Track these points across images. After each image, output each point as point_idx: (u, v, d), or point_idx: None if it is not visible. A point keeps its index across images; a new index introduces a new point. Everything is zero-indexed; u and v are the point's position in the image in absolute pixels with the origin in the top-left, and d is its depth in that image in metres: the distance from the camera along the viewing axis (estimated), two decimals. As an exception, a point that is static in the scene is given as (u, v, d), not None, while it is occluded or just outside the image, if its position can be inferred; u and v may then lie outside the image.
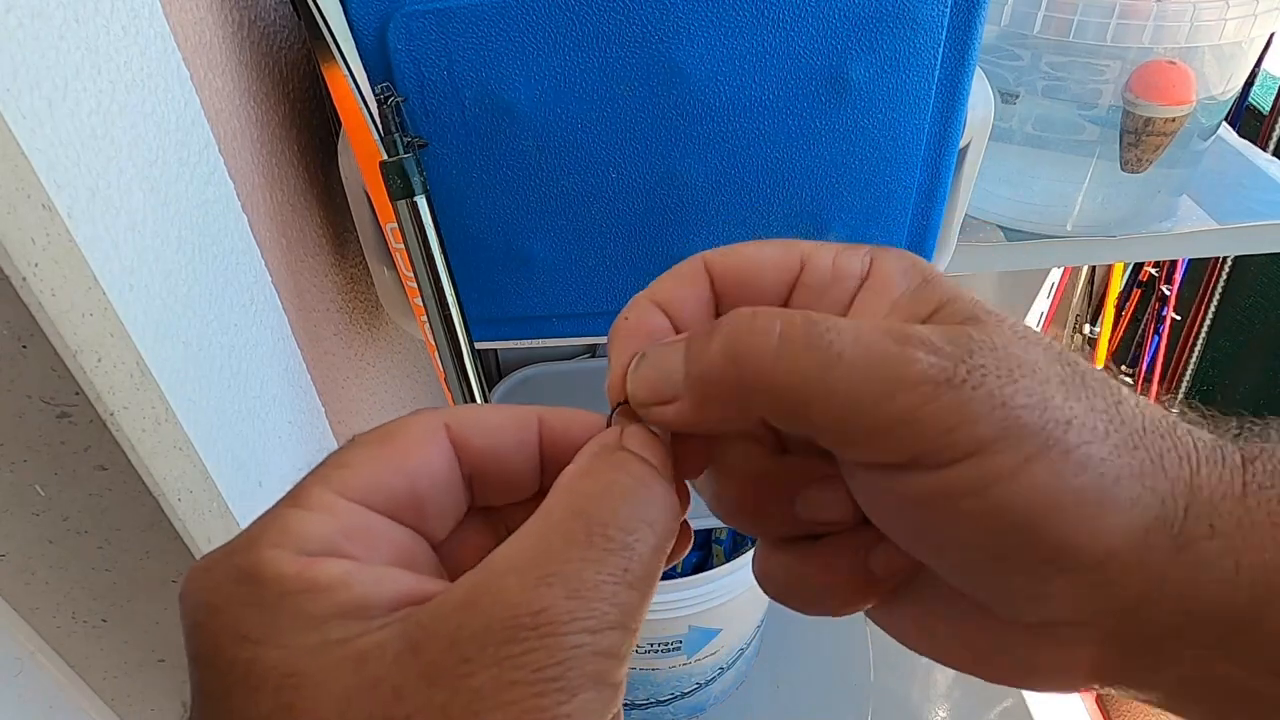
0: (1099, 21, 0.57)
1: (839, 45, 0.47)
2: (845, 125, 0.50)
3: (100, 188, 0.30)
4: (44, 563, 0.34)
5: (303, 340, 0.50)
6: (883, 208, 0.54)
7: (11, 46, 0.25)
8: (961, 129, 0.52)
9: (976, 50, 0.49)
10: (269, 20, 0.49)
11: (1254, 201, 0.70)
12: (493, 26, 0.46)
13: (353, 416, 0.60)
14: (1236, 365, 1.07)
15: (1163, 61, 0.58)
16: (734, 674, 1.11)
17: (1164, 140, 0.60)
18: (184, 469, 0.34)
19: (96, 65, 0.30)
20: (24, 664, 0.37)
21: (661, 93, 0.48)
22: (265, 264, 0.45)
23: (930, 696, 1.16)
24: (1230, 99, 0.64)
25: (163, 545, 0.34)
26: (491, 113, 0.49)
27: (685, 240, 0.55)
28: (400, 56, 0.46)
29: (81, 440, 0.30)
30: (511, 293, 0.57)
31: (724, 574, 0.89)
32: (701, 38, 0.47)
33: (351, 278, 0.62)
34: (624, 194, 0.52)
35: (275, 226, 0.48)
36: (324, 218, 0.57)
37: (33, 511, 0.32)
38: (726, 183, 0.52)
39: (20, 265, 0.25)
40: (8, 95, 0.25)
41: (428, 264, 0.49)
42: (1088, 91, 0.61)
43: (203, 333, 0.37)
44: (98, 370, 0.28)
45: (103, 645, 0.39)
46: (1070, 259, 0.75)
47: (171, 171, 0.35)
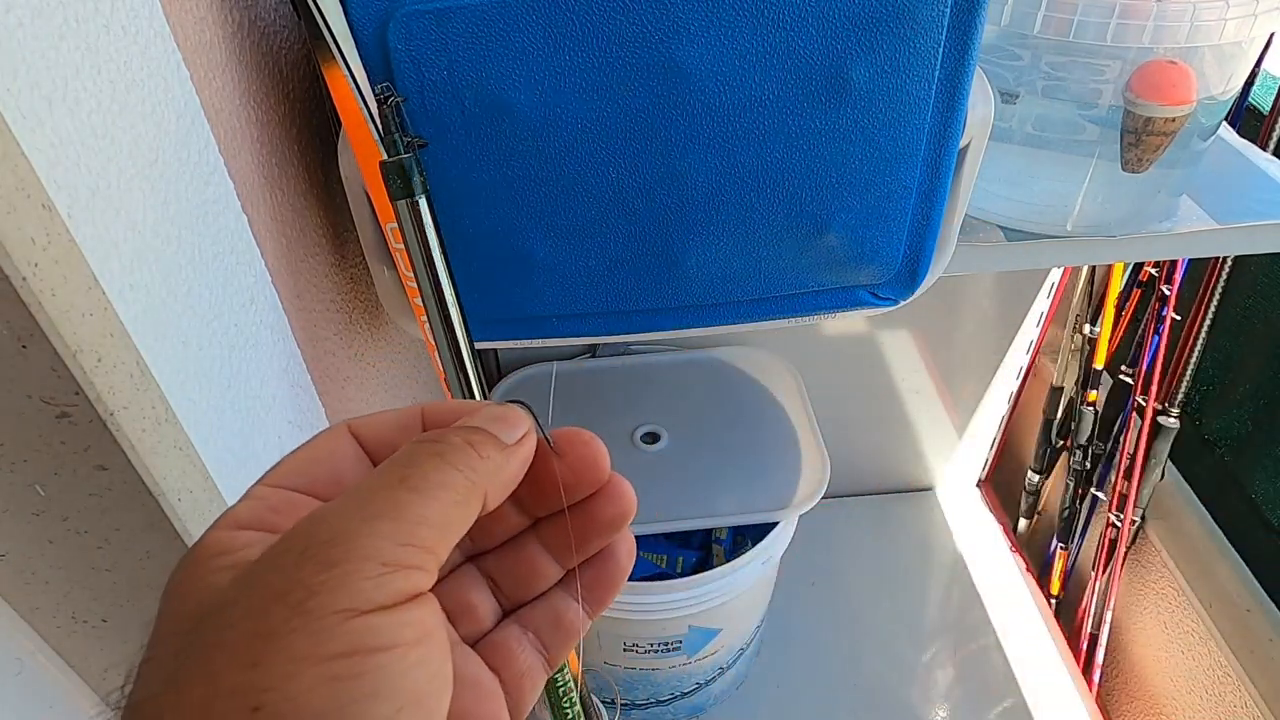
0: (1099, 21, 0.57)
1: (839, 45, 0.47)
2: (845, 125, 0.50)
3: (100, 188, 0.30)
4: (44, 563, 0.34)
5: (303, 340, 0.50)
6: (883, 208, 0.54)
7: (11, 46, 0.25)
8: (961, 129, 0.52)
9: (976, 50, 0.49)
10: (269, 20, 0.49)
11: (1254, 201, 0.70)
12: (493, 26, 0.46)
13: (352, 416, 0.60)
14: (1236, 365, 1.07)
15: (1163, 61, 0.58)
16: (734, 674, 1.11)
17: (1164, 140, 0.60)
18: (184, 469, 0.34)
19: (96, 65, 0.30)
20: (24, 664, 0.37)
21: (661, 93, 0.48)
22: (265, 264, 0.45)
23: (930, 696, 1.16)
24: (1230, 99, 0.64)
25: (163, 545, 0.34)
26: (491, 113, 0.49)
27: (685, 240, 0.55)
28: (400, 56, 0.46)
29: (81, 440, 0.30)
30: (511, 293, 0.57)
31: (724, 574, 0.89)
32: (701, 37, 0.47)
33: (351, 278, 0.62)
34: (624, 194, 0.52)
35: (275, 226, 0.48)
36: (324, 218, 0.57)
37: (33, 511, 0.32)
38: (726, 183, 0.52)
39: (20, 265, 0.25)
40: (8, 95, 0.25)
41: (428, 264, 0.48)
42: (1088, 91, 0.61)
43: (203, 333, 0.37)
44: (98, 370, 0.28)
45: (103, 645, 0.39)
46: (1070, 259, 0.75)
47: (171, 171, 0.35)
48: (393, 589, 0.17)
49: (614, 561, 0.25)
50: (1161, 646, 1.12)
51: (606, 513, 0.24)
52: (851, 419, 1.28)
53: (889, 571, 1.32)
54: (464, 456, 0.21)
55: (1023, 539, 1.35)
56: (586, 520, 0.24)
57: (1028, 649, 1.20)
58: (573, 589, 0.25)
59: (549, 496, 0.24)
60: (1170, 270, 1.04)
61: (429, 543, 0.19)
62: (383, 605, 0.17)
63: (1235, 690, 0.99)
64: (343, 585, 0.17)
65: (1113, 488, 1.12)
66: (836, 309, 0.61)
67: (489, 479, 0.21)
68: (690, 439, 0.98)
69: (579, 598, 0.25)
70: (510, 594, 0.25)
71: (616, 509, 0.24)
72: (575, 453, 0.24)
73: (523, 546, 0.25)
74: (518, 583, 0.25)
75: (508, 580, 0.25)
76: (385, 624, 0.17)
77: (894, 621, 1.25)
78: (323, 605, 0.17)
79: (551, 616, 0.25)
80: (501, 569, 0.25)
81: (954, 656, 1.21)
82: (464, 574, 0.25)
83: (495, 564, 0.25)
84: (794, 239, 0.55)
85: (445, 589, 0.25)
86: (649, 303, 0.59)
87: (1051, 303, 1.17)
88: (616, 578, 0.25)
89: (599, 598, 0.25)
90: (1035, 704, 1.14)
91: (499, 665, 0.24)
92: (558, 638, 0.25)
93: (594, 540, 0.24)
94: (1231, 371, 1.08)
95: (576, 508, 0.24)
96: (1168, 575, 1.09)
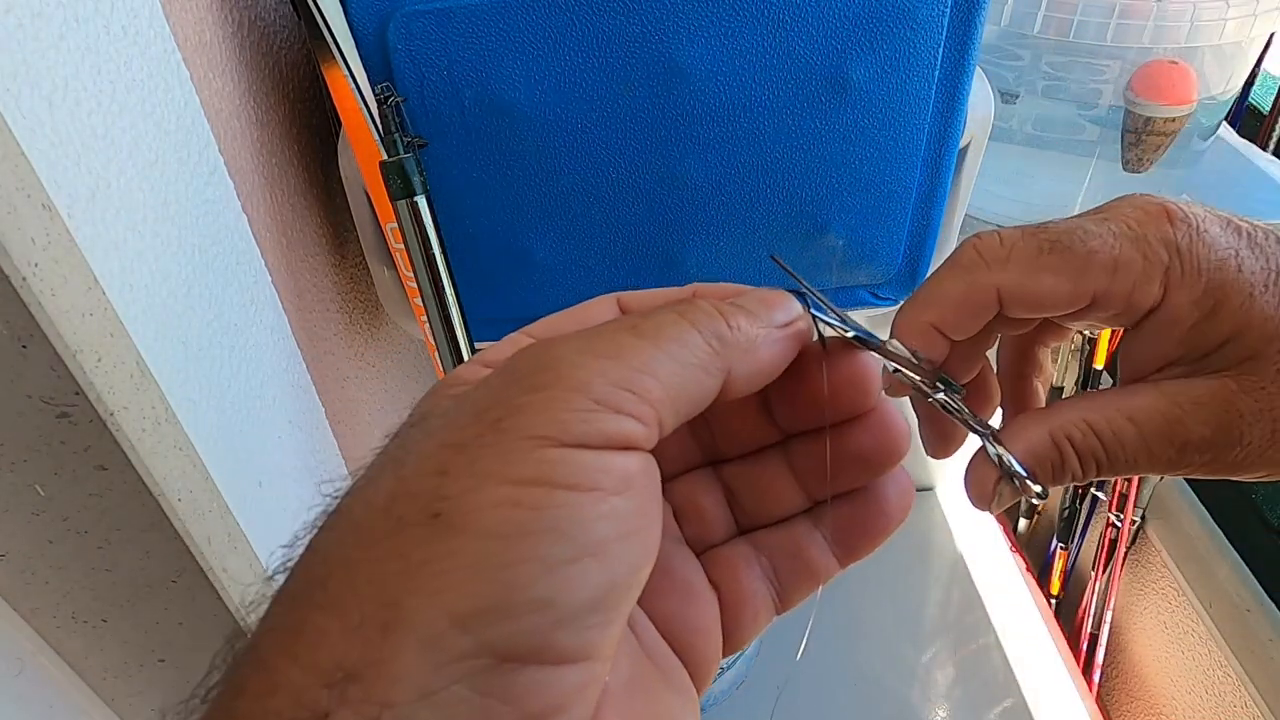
0: (1099, 21, 0.57)
1: (839, 45, 0.47)
2: (845, 125, 0.50)
3: (100, 188, 0.30)
4: (44, 563, 0.34)
5: (303, 340, 0.50)
6: (883, 208, 0.54)
7: (11, 46, 0.25)
8: (961, 129, 0.52)
9: (976, 50, 0.49)
10: (269, 20, 0.49)
11: (1254, 201, 0.70)
12: (493, 26, 0.46)
13: (353, 416, 0.60)
14: (1236, 365, 1.07)
15: (1164, 61, 0.58)
16: (734, 674, 1.11)
17: (1165, 140, 0.60)
18: (184, 469, 0.34)
19: (96, 65, 0.30)
20: (24, 664, 0.37)
21: (662, 93, 0.48)
22: (265, 264, 0.45)
23: (930, 696, 1.16)
24: (1230, 99, 0.64)
25: (163, 545, 0.34)
26: (491, 113, 0.49)
27: (685, 240, 0.55)
28: (400, 56, 0.46)
29: (81, 440, 0.30)
30: (511, 292, 0.57)
31: (724, 574, 0.88)
32: (702, 38, 0.47)
33: (351, 278, 0.62)
34: (624, 194, 0.52)
35: (275, 226, 0.48)
36: (324, 218, 0.57)
37: (33, 511, 0.32)
38: (726, 183, 0.52)
39: (20, 265, 0.25)
40: (8, 95, 0.25)
41: (428, 264, 0.48)
42: (1088, 91, 0.61)
43: (203, 333, 0.37)
44: (98, 370, 0.28)
45: (103, 645, 0.39)
46: (1070, 259, 0.75)
47: (171, 171, 0.35)
48: (599, 428, 0.16)
49: (878, 507, 0.22)
50: (1161, 646, 1.12)
51: (866, 444, 0.21)
52: (851, 419, 1.28)
53: (889, 571, 1.32)
54: (708, 320, 0.18)
55: (1023, 539, 1.35)
56: (844, 448, 0.21)
57: (1028, 649, 1.20)
58: (823, 523, 0.22)
59: (805, 410, 0.21)
60: (1170, 270, 1.04)
61: (651, 394, 0.17)
62: (584, 443, 0.16)
63: (1235, 690, 0.99)
64: (545, 410, 0.16)
65: (1113, 487, 1.12)
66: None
67: (736, 354, 0.19)
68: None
69: (829, 537, 0.22)
70: (750, 511, 0.23)
71: (880, 442, 0.21)
72: (843, 365, 0.21)
73: (768, 462, 0.23)
74: (759, 501, 0.23)
75: (748, 495, 0.23)
76: (581, 461, 0.16)
77: (894, 621, 1.24)
78: (519, 426, 0.16)
79: (791, 547, 0.22)
80: (743, 481, 0.23)
81: (954, 656, 1.21)
82: (700, 476, 0.23)
83: (736, 474, 0.23)
84: (794, 239, 0.55)
85: (675, 485, 0.23)
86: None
87: (1051, 303, 1.16)
88: (879, 526, 0.22)
89: (854, 545, 0.22)
90: (1035, 704, 1.14)
91: (720, 580, 0.22)
92: (796, 574, 0.22)
93: (850, 474, 0.22)
94: (1231, 371, 1.07)
95: (835, 431, 0.21)
96: (1168, 575, 1.09)
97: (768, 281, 0.22)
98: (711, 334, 0.18)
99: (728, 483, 0.23)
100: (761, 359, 0.19)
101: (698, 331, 0.18)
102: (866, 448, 0.21)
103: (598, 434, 0.16)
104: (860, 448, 0.21)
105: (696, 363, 0.18)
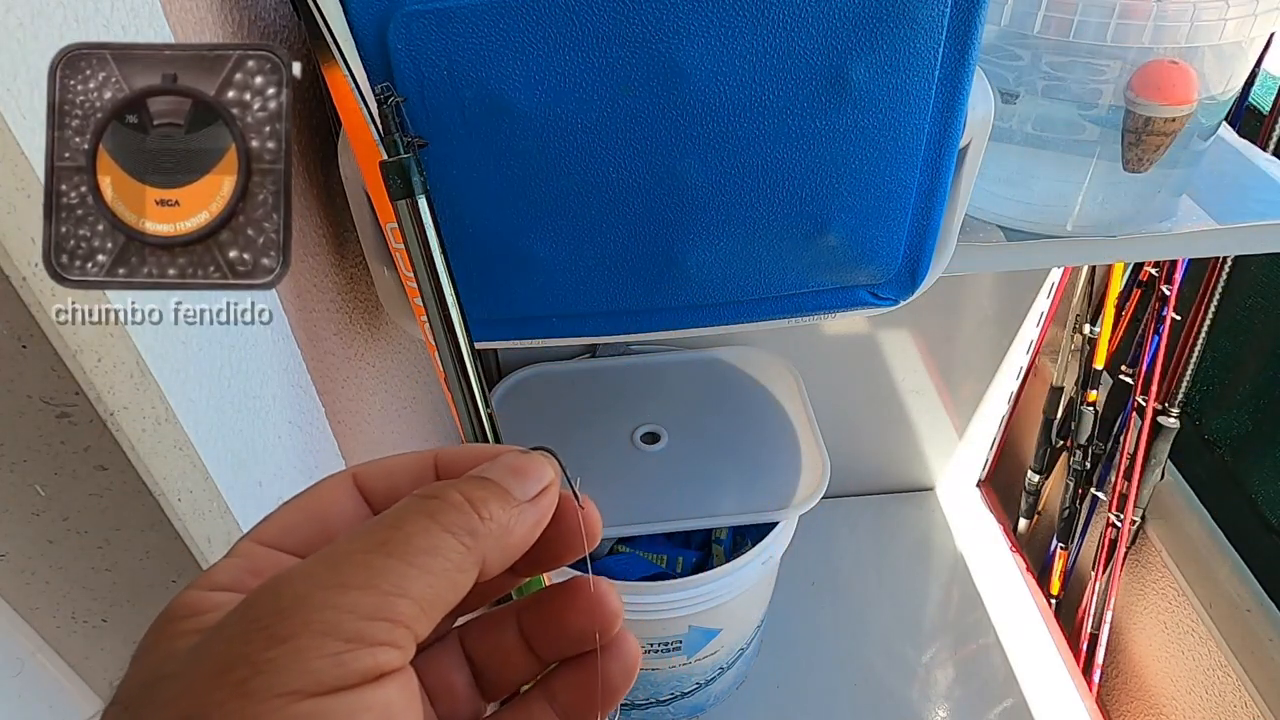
0: (1099, 21, 0.57)
1: (839, 45, 0.47)
2: (845, 125, 0.50)
3: (100, 188, 0.30)
4: (44, 563, 0.34)
5: (303, 340, 0.50)
6: (883, 208, 0.54)
7: (11, 46, 0.25)
8: (961, 129, 0.52)
9: (976, 50, 0.49)
10: (269, 20, 0.49)
11: (1254, 201, 0.70)
12: (493, 26, 0.46)
13: (353, 416, 0.60)
14: (1236, 365, 1.07)
15: (1164, 61, 0.58)
16: (734, 674, 1.11)
17: (1165, 140, 0.60)
18: (184, 469, 0.34)
19: (96, 65, 0.30)
20: (24, 664, 0.37)
21: (661, 93, 0.48)
22: (265, 264, 0.44)
23: (930, 696, 1.16)
24: (1230, 99, 0.64)
25: (163, 545, 0.34)
26: (491, 113, 0.49)
27: (685, 240, 0.55)
28: (400, 56, 0.46)
29: (81, 440, 0.30)
30: (511, 293, 0.57)
31: (724, 574, 0.89)
32: (701, 38, 0.47)
33: (351, 278, 0.62)
34: (624, 194, 0.52)
35: (275, 226, 0.48)
36: (324, 218, 0.57)
37: (33, 511, 0.32)
38: (726, 183, 0.52)
39: (20, 265, 0.25)
40: (8, 95, 0.25)
41: (428, 264, 0.48)
42: (1088, 91, 0.61)
43: (203, 333, 0.37)
44: (98, 370, 0.28)
45: (103, 645, 0.39)
46: (1070, 259, 0.75)
47: (171, 171, 0.35)
48: (353, 668, 0.15)
49: (603, 679, 0.21)
50: (1161, 646, 1.12)
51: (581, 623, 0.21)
52: (851, 419, 1.28)
53: (889, 571, 1.32)
54: (461, 518, 0.18)
55: (1023, 539, 1.35)
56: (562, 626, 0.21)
57: (1028, 649, 1.21)
58: (554, 698, 0.22)
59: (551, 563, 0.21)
60: (1170, 270, 1.04)
61: (406, 617, 0.16)
62: (339, 686, 0.15)
63: (1235, 690, 0.99)
64: (293, 663, 0.15)
65: (1113, 488, 1.12)
66: (836, 309, 0.61)
67: (489, 544, 0.18)
68: (690, 439, 0.98)
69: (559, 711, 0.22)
70: (493, 681, 0.23)
71: (592, 621, 0.21)
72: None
73: (505, 629, 0.22)
74: (500, 670, 0.22)
75: (490, 665, 0.23)
76: (337, 707, 0.15)
77: (894, 621, 1.25)
78: (267, 686, 0.15)
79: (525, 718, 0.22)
80: (483, 649, 0.22)
81: (954, 656, 1.21)
82: (448, 648, 0.23)
83: (478, 643, 0.23)
84: (794, 239, 0.55)
85: (427, 666, 0.22)
86: (649, 302, 0.59)
87: (1051, 303, 1.17)
88: (604, 699, 0.22)
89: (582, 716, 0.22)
90: (1035, 704, 1.14)
91: None
92: None
93: (570, 645, 0.22)
94: (1231, 371, 1.08)
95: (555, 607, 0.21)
96: (1168, 575, 1.10)
97: (768, 281, 0.22)
98: (465, 532, 0.18)
99: (469, 652, 0.23)
100: (516, 541, 0.19)
101: (450, 535, 0.18)
102: (583, 625, 0.21)
103: (353, 674, 0.15)
104: (577, 626, 0.21)
105: (451, 567, 0.18)
